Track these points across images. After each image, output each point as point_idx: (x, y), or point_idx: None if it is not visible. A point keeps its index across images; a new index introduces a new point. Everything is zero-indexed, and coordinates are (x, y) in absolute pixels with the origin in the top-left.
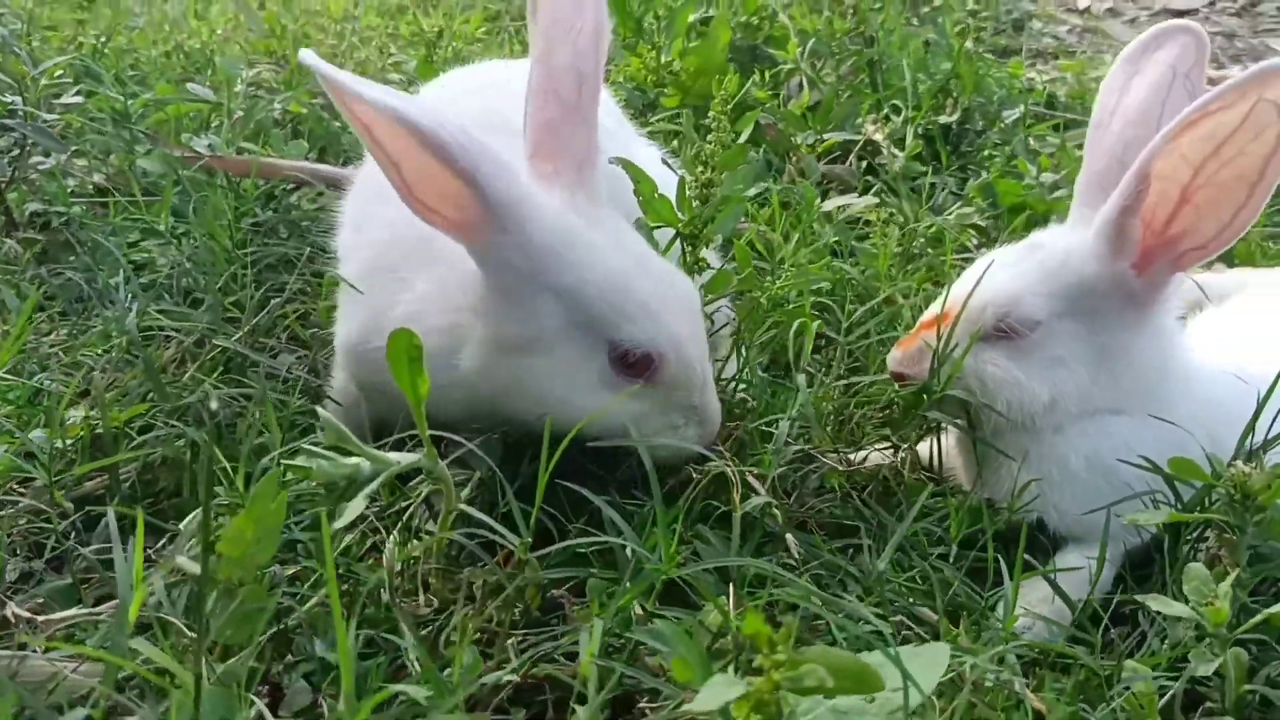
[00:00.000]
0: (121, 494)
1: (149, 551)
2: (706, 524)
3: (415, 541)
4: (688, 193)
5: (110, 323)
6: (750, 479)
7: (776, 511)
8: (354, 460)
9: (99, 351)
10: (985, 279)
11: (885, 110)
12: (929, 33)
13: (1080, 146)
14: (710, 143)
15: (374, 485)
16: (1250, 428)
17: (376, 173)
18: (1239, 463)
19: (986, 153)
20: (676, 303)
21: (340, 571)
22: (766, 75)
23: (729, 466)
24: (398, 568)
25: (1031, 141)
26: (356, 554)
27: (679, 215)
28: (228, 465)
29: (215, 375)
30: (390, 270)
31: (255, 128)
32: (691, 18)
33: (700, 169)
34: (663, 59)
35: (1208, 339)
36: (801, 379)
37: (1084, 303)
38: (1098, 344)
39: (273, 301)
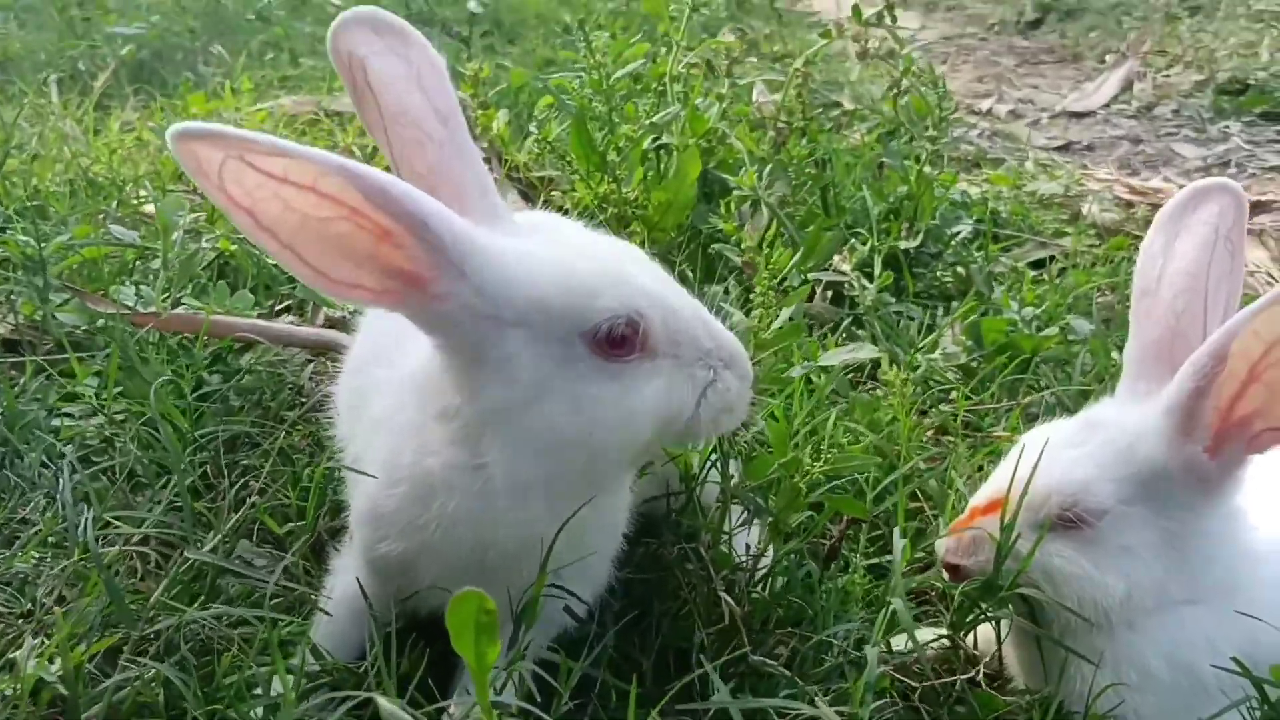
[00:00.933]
0: None
1: None
2: None
3: None
4: None
5: (51, 524)
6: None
7: None
8: None
9: (34, 557)
10: (1044, 463)
11: (849, 240)
12: (872, 154)
13: (1032, 266)
14: (755, 319)
15: None
16: None
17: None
18: None
19: (940, 273)
20: (635, 263)
21: None
22: (728, 206)
23: (822, 711)
24: None
25: (988, 265)
26: None
27: None
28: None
29: (184, 589)
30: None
31: (190, 277)
32: (647, 144)
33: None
34: (623, 191)
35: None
36: (898, 602)
37: (1154, 488)
38: (1169, 531)
39: (250, 499)
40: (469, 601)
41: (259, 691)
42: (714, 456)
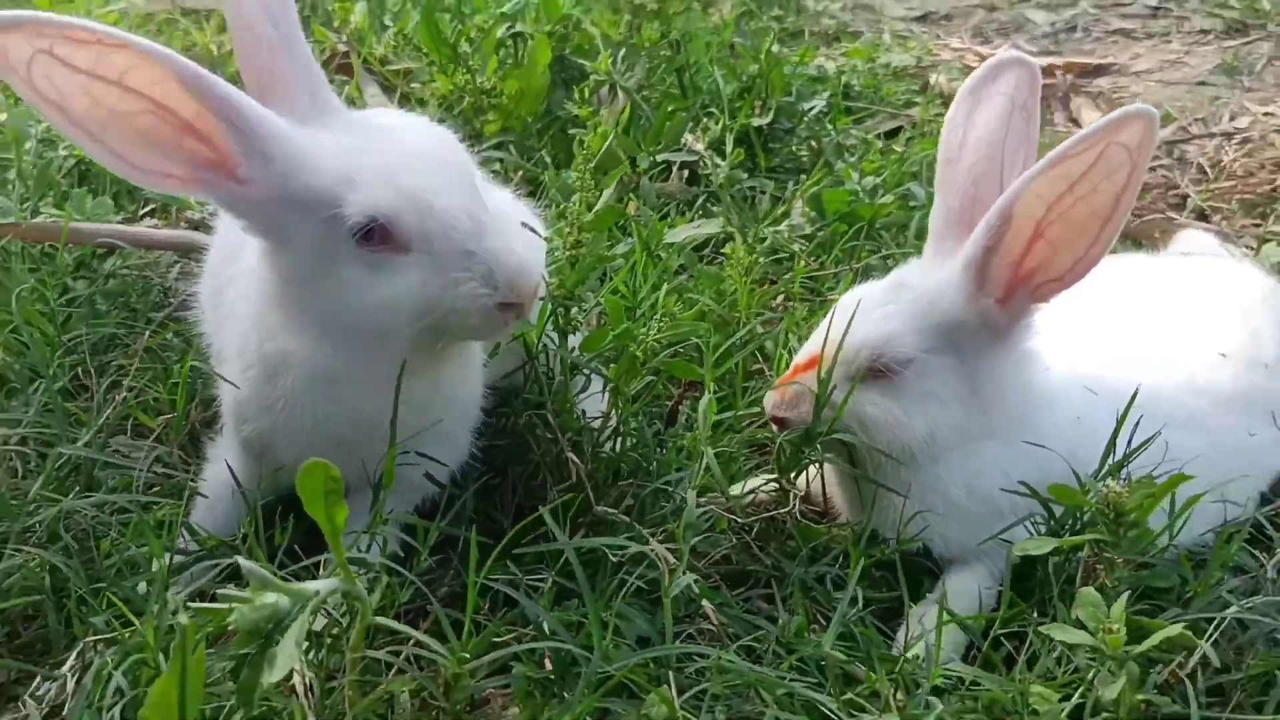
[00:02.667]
0: None
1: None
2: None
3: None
4: (559, 254)
5: None
6: (666, 554)
7: (695, 586)
8: (272, 598)
9: None
10: (857, 321)
11: (702, 120)
12: (730, 35)
13: (880, 137)
14: (575, 203)
15: (301, 625)
16: (1111, 444)
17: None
18: (1110, 482)
19: (795, 148)
20: (413, 159)
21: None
22: (586, 92)
23: (654, 548)
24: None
25: (839, 137)
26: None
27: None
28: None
29: (60, 485)
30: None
31: (48, 185)
32: (500, 32)
33: (568, 231)
34: (478, 81)
35: (1054, 341)
36: (708, 452)
37: (953, 337)
38: (966, 376)
39: (120, 395)
40: (316, 470)
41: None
42: (551, 332)
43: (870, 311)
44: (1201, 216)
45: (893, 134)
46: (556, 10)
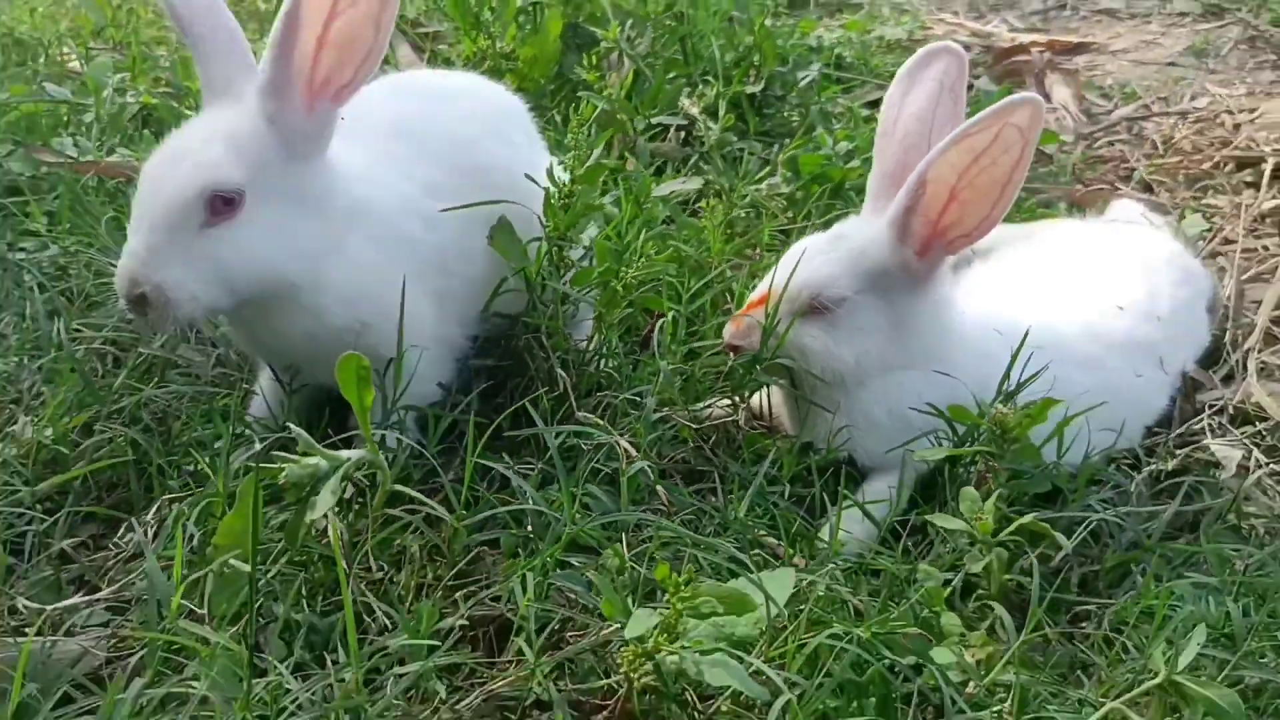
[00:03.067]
0: (76, 492)
1: (109, 541)
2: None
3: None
4: (553, 201)
5: (27, 333)
6: (626, 446)
7: (649, 469)
8: (314, 460)
9: (15, 360)
10: (801, 265)
11: (699, 86)
12: (732, 7)
13: (865, 106)
14: (570, 158)
15: (336, 480)
16: (1006, 375)
17: None
18: (998, 405)
19: (786, 114)
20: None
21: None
22: (593, 58)
23: (616, 440)
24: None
25: (826, 105)
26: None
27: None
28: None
29: (140, 378)
30: None
31: (119, 130)
32: (519, 2)
33: (563, 182)
34: (498, 46)
35: (980, 292)
36: (663, 363)
37: (879, 281)
38: (891, 315)
39: None
40: (349, 361)
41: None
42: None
43: (813, 258)
44: (1147, 189)
45: (876, 104)
46: None
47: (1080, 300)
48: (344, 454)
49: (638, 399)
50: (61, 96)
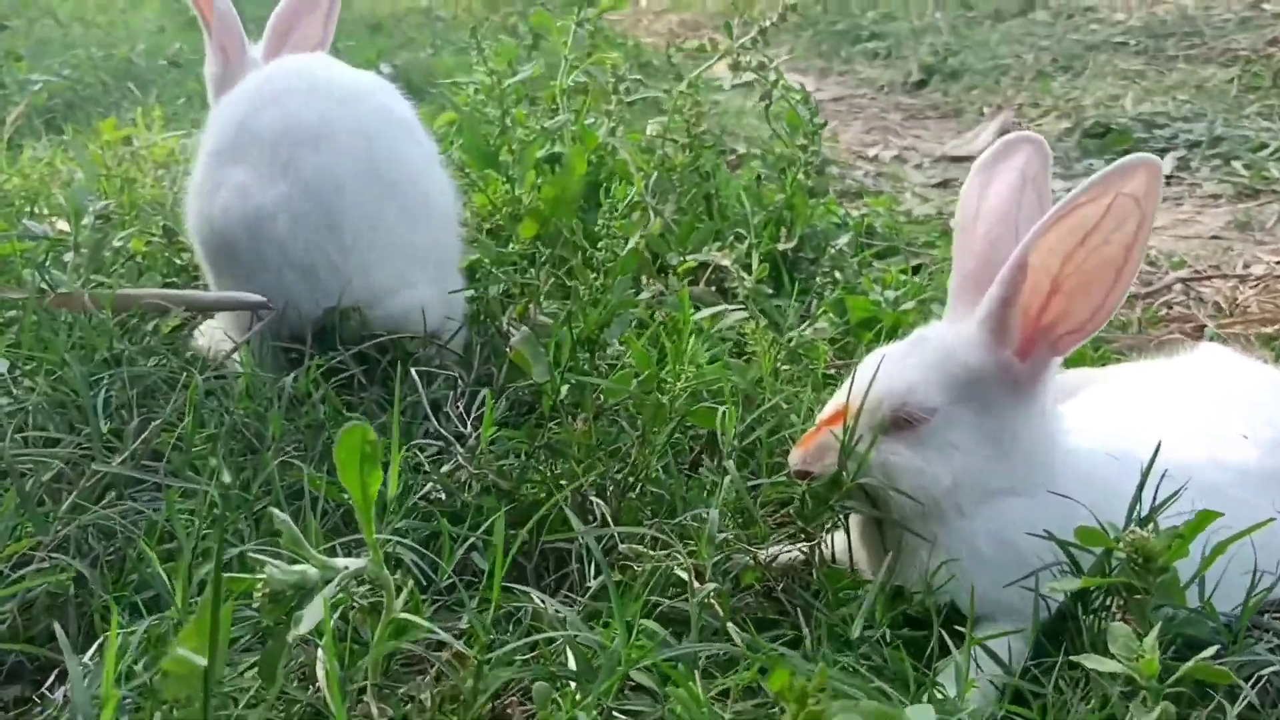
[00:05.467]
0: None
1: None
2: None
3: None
4: (581, 297)
5: None
6: (683, 572)
7: (715, 602)
8: (301, 566)
9: None
10: (879, 374)
11: (731, 240)
12: (758, 170)
13: (904, 271)
14: (602, 249)
15: (327, 591)
16: (1138, 497)
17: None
18: (1136, 527)
19: (820, 279)
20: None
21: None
22: (618, 206)
23: (679, 561)
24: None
25: (863, 270)
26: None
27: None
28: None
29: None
30: None
31: (100, 263)
32: (540, 153)
33: (594, 275)
34: (516, 191)
35: (1078, 423)
36: (731, 465)
37: (973, 389)
38: (988, 428)
39: (153, 424)
40: (354, 435)
41: None
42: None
43: (893, 364)
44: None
45: (917, 270)
46: (593, 140)
47: (1195, 429)
48: (341, 562)
49: (695, 523)
50: (40, 231)
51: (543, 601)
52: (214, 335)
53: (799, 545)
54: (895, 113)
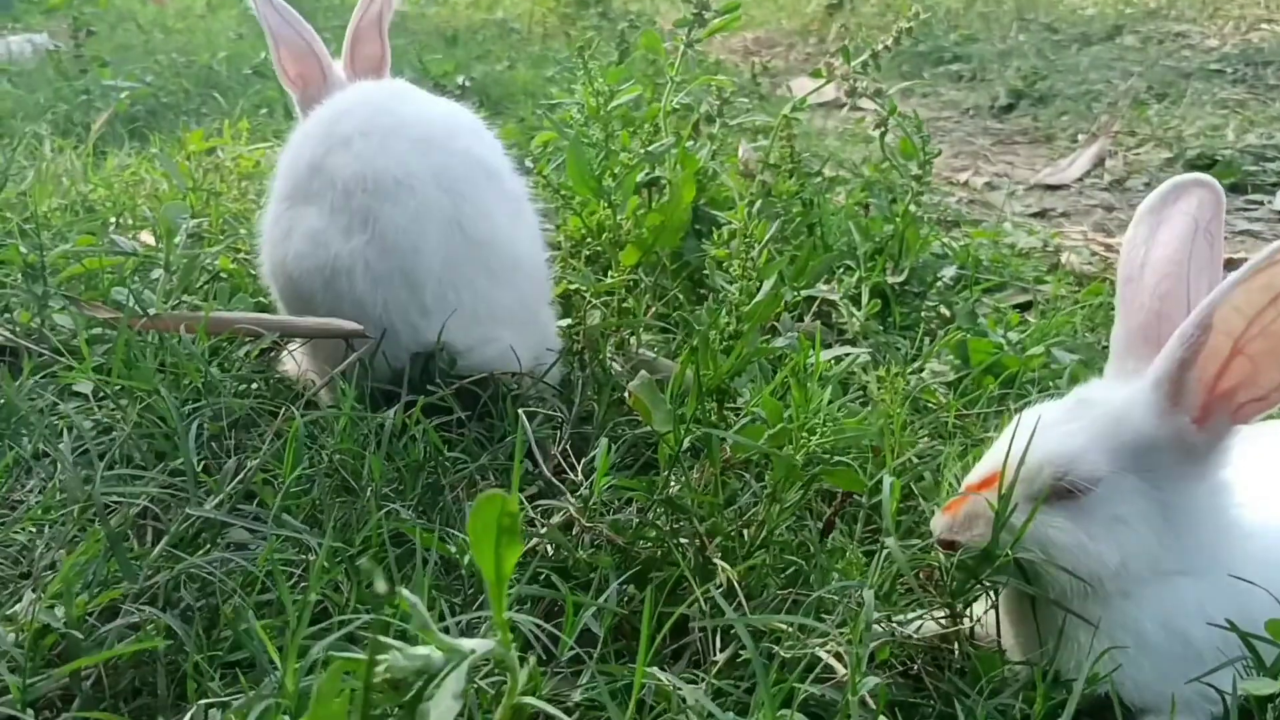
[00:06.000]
0: (85, 696)
1: None
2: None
3: None
4: (710, 345)
5: (50, 496)
6: (830, 658)
7: (870, 699)
8: (424, 650)
9: (31, 527)
10: (1037, 438)
11: (839, 270)
12: (865, 197)
13: (1015, 309)
14: (737, 290)
15: (459, 679)
16: None
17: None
18: None
19: (923, 314)
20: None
21: None
22: (724, 235)
23: (829, 643)
24: None
25: (972, 306)
26: None
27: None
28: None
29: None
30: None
31: (190, 284)
32: (640, 177)
33: (726, 319)
34: (617, 217)
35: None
36: (892, 542)
37: (1144, 458)
38: (1160, 502)
39: (250, 464)
40: (492, 505)
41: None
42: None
43: (1052, 428)
44: None
45: (1024, 307)
46: (694, 164)
47: None
48: (468, 644)
49: (836, 597)
50: (128, 248)
51: (671, 682)
52: (304, 363)
53: (939, 617)
54: (984, 137)
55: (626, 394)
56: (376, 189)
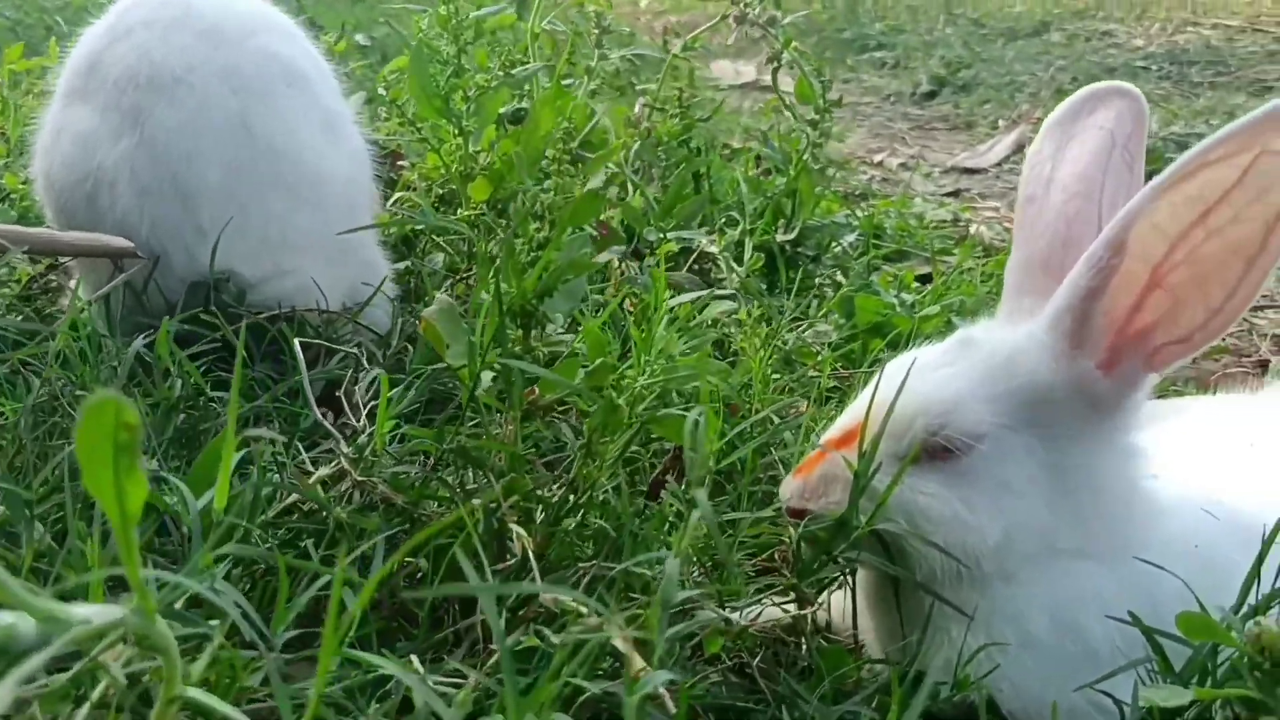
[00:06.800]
0: None
1: None
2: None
3: None
4: (517, 256)
5: None
6: (624, 646)
7: (665, 694)
8: (8, 618)
9: None
10: (911, 383)
11: (721, 223)
12: (758, 151)
13: (920, 279)
14: (548, 189)
15: (43, 657)
16: (1256, 571)
17: None
18: (1265, 619)
19: (821, 278)
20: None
21: None
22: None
23: (618, 636)
24: None
25: (869, 274)
26: None
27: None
28: None
29: None
30: None
31: None
32: (504, 109)
33: (535, 225)
34: (471, 147)
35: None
36: (701, 495)
37: (1038, 411)
38: (1055, 465)
39: None
40: (102, 412)
41: None
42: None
43: (930, 372)
44: None
45: (926, 279)
46: (568, 100)
47: None
48: (80, 610)
49: (643, 574)
50: None
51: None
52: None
53: (785, 604)
54: (902, 122)
55: (417, 321)
56: (150, 84)
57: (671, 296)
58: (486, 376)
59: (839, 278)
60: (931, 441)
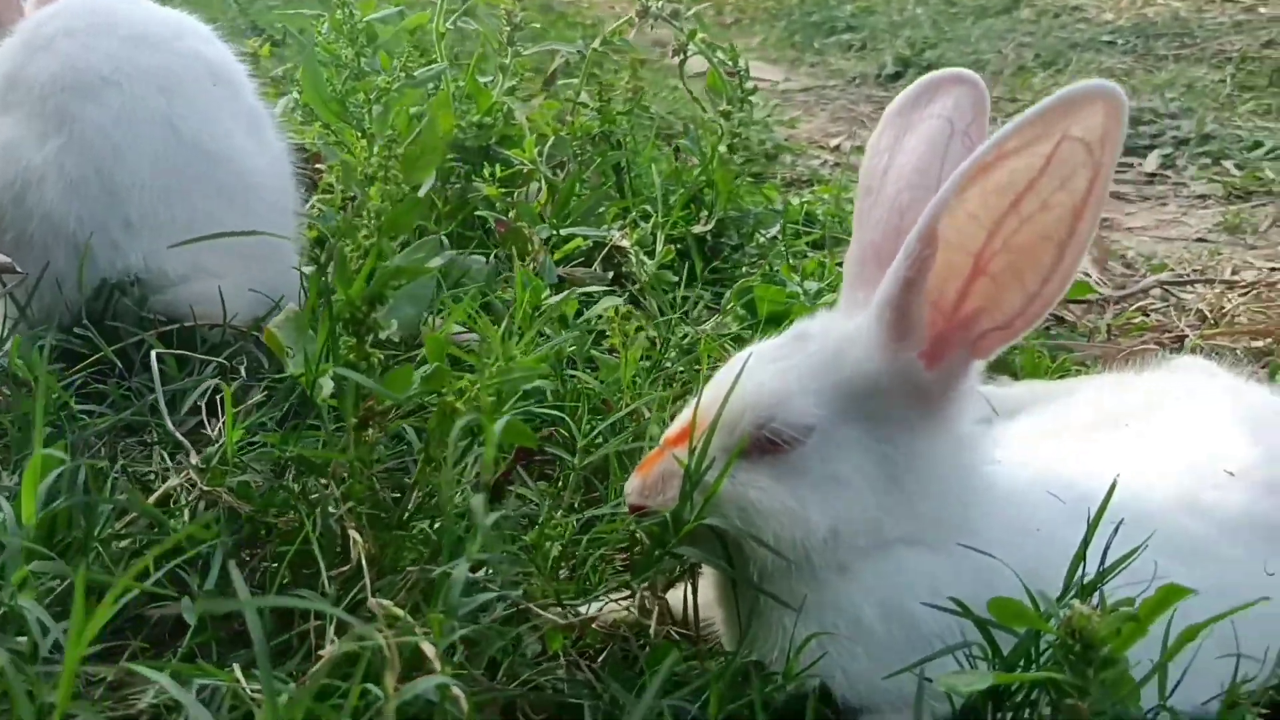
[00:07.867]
0: None
1: None
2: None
3: None
4: (348, 264)
5: None
6: (390, 651)
7: (458, 694)
8: None
9: None
10: (743, 379)
11: (634, 216)
12: (678, 142)
13: (839, 263)
14: (374, 188)
15: None
16: (1081, 554)
17: None
18: (1076, 602)
19: (744, 269)
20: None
21: None
22: (498, 170)
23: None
24: None
25: (791, 259)
26: None
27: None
28: None
29: None
30: None
31: None
32: (415, 109)
33: (363, 229)
34: (374, 151)
35: (1017, 449)
36: (478, 500)
37: (867, 403)
38: (884, 456)
39: None
40: None
41: None
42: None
43: (760, 368)
44: None
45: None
46: (486, 99)
47: (1169, 463)
48: None
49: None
50: None
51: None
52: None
53: (621, 598)
54: (865, 105)
55: (261, 329)
56: (76, 86)
57: (557, 293)
58: (325, 384)
59: (765, 265)
60: (761, 435)
